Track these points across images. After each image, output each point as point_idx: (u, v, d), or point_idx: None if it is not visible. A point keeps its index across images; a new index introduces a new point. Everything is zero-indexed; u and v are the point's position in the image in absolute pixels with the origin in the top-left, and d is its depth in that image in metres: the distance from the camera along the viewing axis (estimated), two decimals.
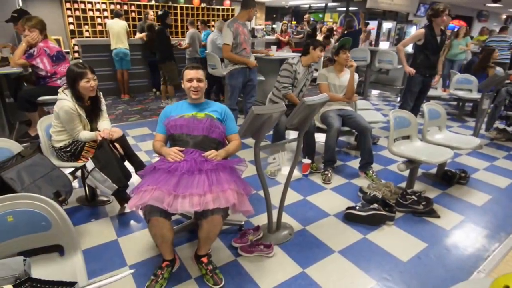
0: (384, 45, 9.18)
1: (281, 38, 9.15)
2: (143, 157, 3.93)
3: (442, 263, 2.40)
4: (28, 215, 1.48)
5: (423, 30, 4.16)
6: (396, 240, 2.63)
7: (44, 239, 1.54)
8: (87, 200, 2.94)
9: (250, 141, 2.30)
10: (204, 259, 2.17)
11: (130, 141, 4.54)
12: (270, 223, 2.55)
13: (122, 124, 5.44)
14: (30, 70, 3.81)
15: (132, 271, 1.36)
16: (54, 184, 2.23)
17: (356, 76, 3.69)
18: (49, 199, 1.49)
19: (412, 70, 4.27)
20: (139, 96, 7.47)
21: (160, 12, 6.94)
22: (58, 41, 8.27)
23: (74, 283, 1.29)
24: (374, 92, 8.42)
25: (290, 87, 3.69)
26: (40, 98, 3.67)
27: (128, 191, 2.74)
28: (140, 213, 1.98)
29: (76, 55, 7.79)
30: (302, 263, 2.33)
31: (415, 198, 2.94)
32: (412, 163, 3.05)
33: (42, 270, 1.54)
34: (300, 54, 3.79)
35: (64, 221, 1.51)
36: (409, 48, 5.52)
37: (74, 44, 7.76)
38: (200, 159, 2.14)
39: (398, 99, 7.39)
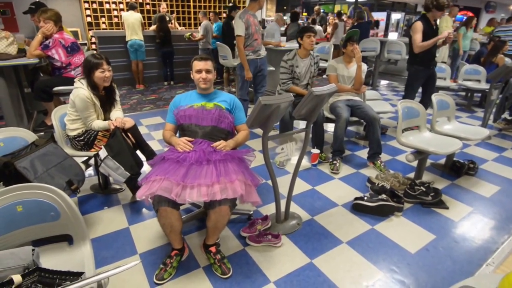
0: (393, 35, 9.05)
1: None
2: (156, 146, 4.01)
3: (450, 255, 2.40)
4: (37, 205, 1.52)
5: (420, 23, 4.02)
6: (404, 231, 2.64)
7: (53, 228, 1.58)
8: (100, 188, 3.01)
9: (259, 130, 2.30)
10: (213, 249, 2.21)
11: (144, 130, 4.66)
12: (278, 213, 2.58)
13: (136, 113, 5.53)
14: (46, 61, 3.88)
15: (138, 262, 1.39)
16: (66, 173, 2.28)
17: (364, 66, 3.66)
18: (58, 189, 1.53)
19: (448, 32, 4.04)
20: (153, 86, 7.60)
21: (230, 4, 7.10)
22: (76, 33, 8.38)
23: (81, 273, 1.33)
24: (383, 82, 8.34)
25: (290, 82, 3.73)
26: (55, 88, 3.75)
27: (139, 179, 2.79)
28: (150, 201, 2.00)
29: (94, 46, 7.86)
30: (310, 254, 2.36)
31: (424, 189, 2.93)
32: (420, 154, 3.04)
33: (51, 259, 1.59)
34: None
35: (73, 211, 1.55)
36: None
37: (92, 36, 7.82)
38: (209, 149, 2.17)
39: None
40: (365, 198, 2.84)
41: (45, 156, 2.23)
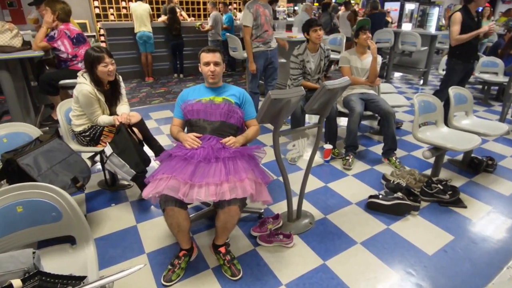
0: (406, 26, 8.78)
1: None
2: (164, 140, 3.93)
3: (469, 257, 2.29)
4: (38, 206, 1.45)
5: (459, 14, 3.81)
6: (420, 231, 2.53)
7: (55, 230, 1.52)
8: (107, 185, 2.94)
9: (270, 125, 2.21)
10: (222, 249, 2.13)
11: (153, 124, 4.59)
12: (290, 211, 2.49)
13: (145, 107, 5.47)
14: (52, 54, 3.80)
15: (142, 266, 1.31)
16: (71, 169, 2.21)
17: (379, 58, 3.53)
18: (59, 189, 1.45)
19: (489, 26, 3.84)
20: (163, 79, 7.52)
21: None
22: (84, 25, 8.29)
23: (84, 277, 1.26)
24: (396, 74, 8.15)
25: (300, 77, 3.60)
26: (61, 82, 3.66)
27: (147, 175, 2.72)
28: (158, 198, 1.92)
29: (102, 38, 7.77)
30: (323, 255, 2.27)
31: (441, 187, 2.82)
32: (437, 150, 2.91)
33: (52, 261, 1.53)
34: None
35: (75, 211, 1.48)
36: (433, 30, 5.22)
37: (100, 28, 7.73)
38: (218, 146, 2.07)
39: (421, 81, 7.15)
40: (380, 196, 2.73)
41: (49, 153, 2.16)
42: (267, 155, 2.30)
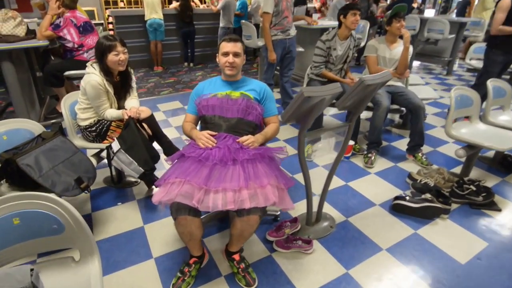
0: (429, 13, 8.35)
1: (315, 5, 8.53)
2: (173, 133, 3.77)
3: (505, 266, 2.08)
4: (37, 217, 1.28)
5: (509, 1, 3.51)
6: (451, 237, 2.32)
7: (56, 243, 1.36)
8: (113, 182, 2.79)
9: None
10: (236, 256, 1.96)
11: (161, 116, 4.42)
12: (310, 215, 2.30)
13: (153, 98, 5.29)
14: (58, 43, 3.63)
15: None
16: (75, 169, 2.06)
17: (411, 48, 3.24)
18: (62, 200, 1.29)
19: None
20: (172, 68, 7.30)
21: None
22: (92, 12, 8.08)
23: None
24: (415, 63, 7.77)
25: (323, 66, 3.35)
26: (66, 73, 3.49)
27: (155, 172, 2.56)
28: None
29: (110, 26, 7.57)
30: (346, 263, 2.09)
31: (474, 188, 2.59)
32: (472, 149, 2.67)
33: (53, 277, 1.37)
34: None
35: (79, 224, 1.31)
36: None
37: (108, 15, 7.52)
38: (235, 146, 1.88)
39: (445, 72, 6.80)
40: (407, 197, 2.52)
41: (51, 151, 2.01)
42: (277, 146, 2.09)
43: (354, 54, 3.42)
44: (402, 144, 3.59)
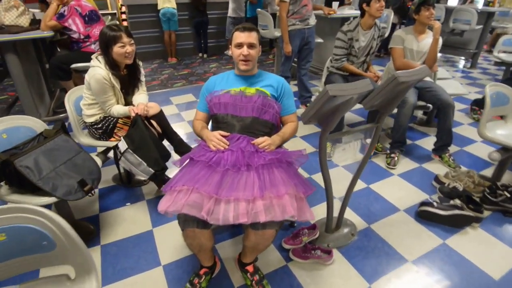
0: (452, 1, 7.91)
1: None
2: (186, 128, 3.61)
3: None
4: (25, 233, 1.13)
5: None
6: (484, 248, 2.13)
7: (48, 260, 1.21)
8: (122, 183, 2.66)
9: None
10: (250, 268, 1.82)
11: (173, 109, 4.27)
12: (330, 222, 2.12)
13: (166, 90, 5.16)
14: (65, 35, 3.48)
15: None
16: (78, 171, 1.92)
17: (440, 40, 2.99)
18: (52, 213, 1.13)
19: None
20: (186, 59, 7.14)
21: None
22: (104, 2, 7.90)
23: None
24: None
25: (344, 59, 3.12)
26: (73, 65, 3.32)
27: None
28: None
29: (124, 16, 7.42)
30: (368, 276, 1.92)
31: (508, 195, 2.38)
32: (507, 151, 2.44)
33: None
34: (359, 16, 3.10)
35: (71, 240, 1.16)
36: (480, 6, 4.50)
37: (121, 5, 7.36)
38: (249, 149, 1.69)
39: (469, 64, 6.47)
40: (435, 204, 2.33)
41: (52, 152, 1.88)
42: (293, 144, 1.89)
43: (378, 44, 3.19)
44: (426, 143, 3.37)
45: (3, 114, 3.66)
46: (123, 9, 6.76)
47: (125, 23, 6.94)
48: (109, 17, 4.46)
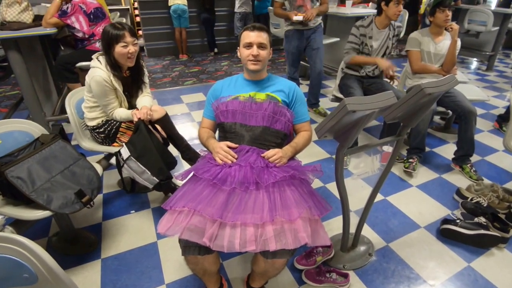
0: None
1: None
2: (195, 129, 3.44)
3: None
4: (4, 264, 1.00)
5: None
6: (511, 272, 1.96)
7: None
8: (126, 191, 2.51)
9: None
10: None
11: (183, 109, 4.12)
12: (346, 240, 1.97)
13: (177, 88, 5.07)
14: (68, 32, 3.33)
15: None
16: (76, 180, 1.79)
17: (458, 42, 2.83)
18: (33, 244, 0.98)
19: None
20: (197, 56, 7.07)
21: None
22: None
23: None
24: None
25: (352, 52, 2.95)
26: (78, 64, 3.16)
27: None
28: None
29: (136, 12, 7.34)
30: None
31: None
32: None
33: None
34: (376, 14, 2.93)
35: (54, 274, 1.01)
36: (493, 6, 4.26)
37: (134, 1, 7.27)
38: (258, 164, 1.54)
39: (485, 67, 6.23)
40: (458, 222, 2.16)
41: (48, 160, 1.74)
42: (307, 154, 1.73)
43: (394, 44, 3.01)
44: (445, 151, 3.19)
45: (11, 110, 3.57)
46: (136, 4, 6.70)
47: (137, 19, 6.85)
48: (118, 13, 4.31)
